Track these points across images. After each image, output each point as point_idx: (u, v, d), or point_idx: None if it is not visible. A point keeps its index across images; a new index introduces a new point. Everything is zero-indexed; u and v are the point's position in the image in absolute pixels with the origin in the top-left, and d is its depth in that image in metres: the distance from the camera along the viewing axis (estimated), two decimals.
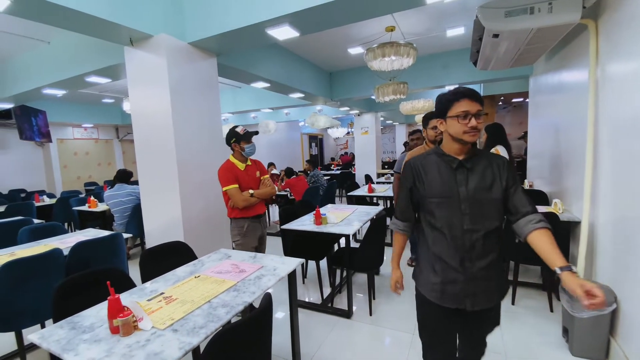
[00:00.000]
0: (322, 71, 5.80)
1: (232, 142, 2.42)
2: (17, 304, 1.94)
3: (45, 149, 8.23)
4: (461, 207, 1.14)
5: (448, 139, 1.19)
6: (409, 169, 1.27)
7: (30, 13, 2.07)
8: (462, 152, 1.18)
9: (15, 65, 4.43)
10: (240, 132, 2.40)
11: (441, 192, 1.17)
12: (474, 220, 1.14)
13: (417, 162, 1.25)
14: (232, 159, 2.45)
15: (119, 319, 1.16)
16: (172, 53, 2.56)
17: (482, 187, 1.14)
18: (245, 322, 1.09)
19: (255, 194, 2.40)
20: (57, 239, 2.71)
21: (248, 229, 2.42)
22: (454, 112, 1.12)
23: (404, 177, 1.30)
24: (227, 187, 2.33)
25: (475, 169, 1.17)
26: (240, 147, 2.40)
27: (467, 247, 1.15)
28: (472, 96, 1.12)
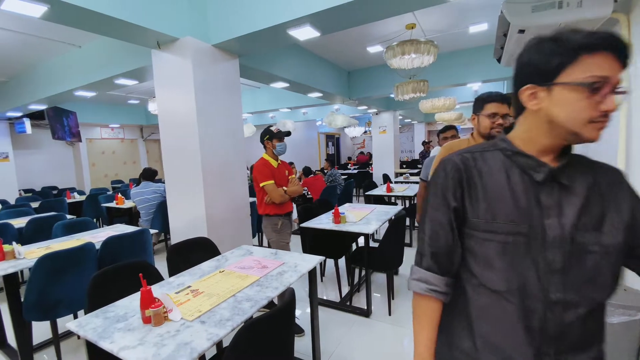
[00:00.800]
0: (340, 70, 5.80)
1: (265, 139, 2.52)
2: (53, 295, 2.06)
3: (75, 148, 8.65)
4: (547, 256, 0.63)
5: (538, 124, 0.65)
6: (452, 169, 0.71)
7: (65, 19, 2.19)
8: (552, 153, 0.66)
9: (49, 68, 4.67)
10: (274, 130, 2.51)
11: (511, 222, 0.64)
12: (570, 285, 0.63)
13: (469, 159, 0.71)
14: (266, 157, 2.54)
15: (150, 310, 1.21)
16: (196, 55, 2.64)
17: (588, 223, 0.63)
18: (271, 315, 1.12)
19: (287, 191, 2.48)
20: (89, 233, 2.85)
21: (282, 226, 2.51)
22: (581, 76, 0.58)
23: (441, 187, 0.72)
24: (265, 182, 2.41)
25: (575, 188, 0.65)
26: (273, 144, 2.50)
27: (553, 333, 0.63)
28: None
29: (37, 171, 7.95)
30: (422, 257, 0.74)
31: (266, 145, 2.54)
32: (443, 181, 0.72)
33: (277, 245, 2.48)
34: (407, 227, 3.42)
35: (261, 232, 4.26)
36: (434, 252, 0.72)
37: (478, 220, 0.68)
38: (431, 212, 0.73)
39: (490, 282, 0.66)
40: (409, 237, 4.19)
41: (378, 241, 3.09)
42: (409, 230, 4.21)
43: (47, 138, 7.60)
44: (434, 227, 0.73)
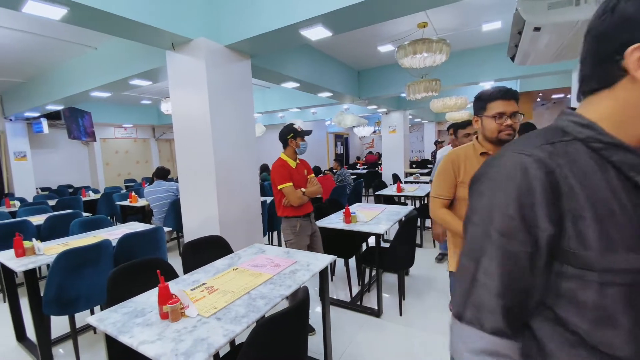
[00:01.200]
0: (350, 70, 5.79)
1: (289, 137, 2.44)
2: (71, 290, 2.12)
3: (90, 148, 8.85)
4: None
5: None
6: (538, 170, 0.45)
7: (83, 21, 2.24)
8: None
9: (65, 69, 4.79)
10: (298, 128, 2.44)
11: (633, 252, 0.43)
12: None
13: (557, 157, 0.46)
14: (284, 157, 2.45)
15: (168, 306, 1.24)
16: (210, 56, 2.68)
17: None
18: (287, 312, 1.13)
19: (306, 192, 2.40)
20: (105, 231, 2.92)
21: (301, 228, 2.41)
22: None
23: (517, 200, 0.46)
24: (283, 185, 2.33)
25: None
26: (297, 143, 2.43)
27: None
28: None
29: (53, 170, 8.16)
30: (482, 314, 0.46)
31: (289, 143, 2.44)
32: (521, 191, 0.45)
33: (297, 248, 2.36)
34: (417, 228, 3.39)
35: (272, 232, 4.28)
36: (508, 306, 0.45)
37: (588, 253, 0.43)
38: (500, 242, 0.46)
39: (609, 346, 0.43)
40: (420, 237, 4.16)
41: (388, 241, 3.07)
42: (420, 230, 4.18)
43: (63, 138, 7.79)
44: (507, 267, 0.45)
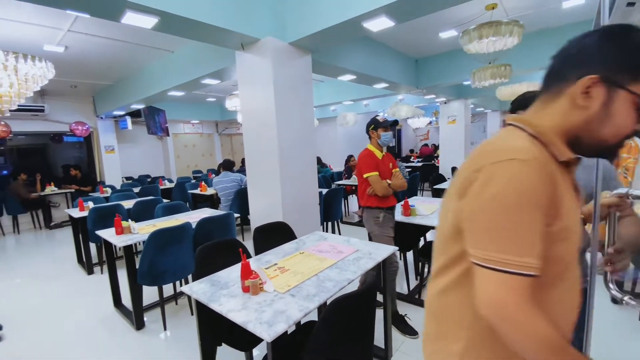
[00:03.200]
0: (408, 58, 5.61)
1: (371, 128, 2.45)
2: (160, 265, 2.44)
3: (163, 142, 9.88)
4: None
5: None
6: None
7: (170, 28, 2.53)
8: None
9: (147, 72, 5.41)
10: (380, 119, 2.43)
11: None
12: None
13: None
14: (370, 147, 2.46)
15: (249, 280, 1.39)
16: (275, 54, 2.82)
17: None
18: (358, 294, 1.20)
19: (391, 184, 2.40)
20: (183, 215, 3.29)
21: (384, 219, 2.40)
22: None
23: None
24: (369, 173, 2.33)
25: None
26: (378, 134, 2.41)
27: None
28: None
29: (135, 162, 9.30)
30: None
31: (371, 135, 2.45)
32: None
33: (379, 239, 2.32)
34: None
35: (327, 222, 4.39)
36: None
37: None
38: None
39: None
40: None
41: None
42: None
43: (143, 133, 8.83)
44: None
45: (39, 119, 7.00)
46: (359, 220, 5.59)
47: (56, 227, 6.57)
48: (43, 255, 4.71)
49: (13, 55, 3.09)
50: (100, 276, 3.71)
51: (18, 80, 3.24)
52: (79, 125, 7.41)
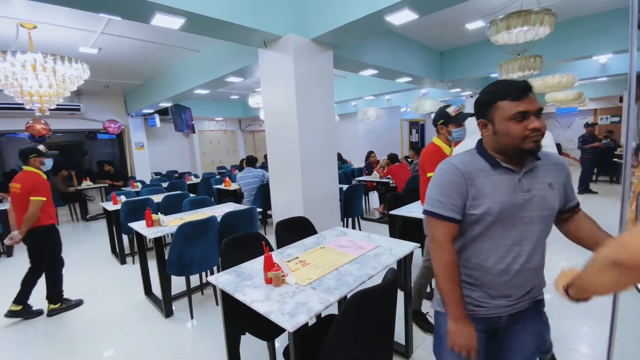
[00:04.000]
0: (432, 51, 5.47)
1: (439, 123, 2.14)
2: (187, 256, 2.55)
3: (189, 139, 10.21)
4: None
5: None
6: None
7: (196, 28, 2.61)
8: None
9: (174, 71, 5.60)
10: (452, 113, 2.09)
11: None
12: None
13: None
14: (437, 142, 2.16)
15: (272, 272, 1.43)
16: (297, 50, 2.85)
17: None
18: (378, 289, 1.21)
19: None
20: (209, 209, 3.41)
21: None
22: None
23: None
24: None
25: None
26: (448, 130, 2.10)
27: None
28: None
29: (162, 158, 9.68)
30: None
31: (439, 130, 2.15)
32: None
33: None
34: None
35: (347, 218, 4.39)
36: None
37: None
38: None
39: None
40: None
41: None
42: None
43: (170, 130, 9.17)
44: None
45: (75, 117, 7.43)
46: (380, 217, 5.55)
47: (92, 220, 6.99)
48: (80, 245, 5.04)
49: (51, 57, 3.30)
50: (132, 266, 3.92)
51: (56, 80, 3.47)
52: (111, 123, 7.82)
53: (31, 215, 2.60)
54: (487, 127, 1.00)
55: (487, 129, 1.01)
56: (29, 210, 2.59)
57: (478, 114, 1.03)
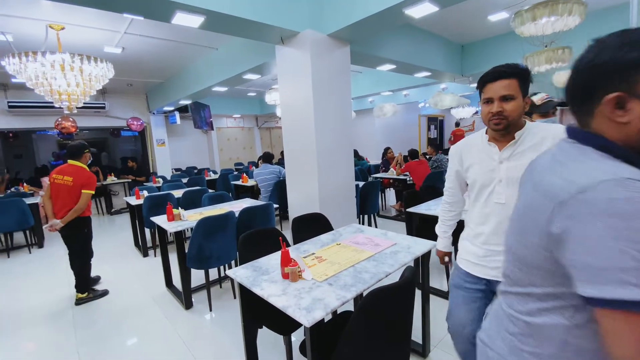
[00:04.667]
0: (452, 44, 5.32)
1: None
2: (206, 250, 2.61)
3: (208, 136, 10.42)
4: None
5: None
6: None
7: (215, 26, 2.65)
8: None
9: (193, 69, 5.72)
10: (538, 101, 1.91)
11: None
12: None
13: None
14: None
15: (289, 267, 1.44)
16: (314, 46, 2.84)
17: None
18: (396, 287, 1.19)
19: None
20: (227, 204, 3.47)
21: None
22: None
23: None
24: None
25: None
26: (532, 120, 1.85)
27: None
28: None
29: (182, 154, 9.94)
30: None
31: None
32: None
33: None
34: None
35: (363, 215, 4.36)
36: None
37: None
38: None
39: None
40: None
41: None
42: None
43: (190, 127, 9.39)
44: None
45: (100, 115, 7.73)
46: (397, 215, 5.49)
47: (116, 213, 7.27)
48: (105, 238, 5.25)
49: (79, 57, 3.44)
50: (153, 258, 4.06)
51: (83, 80, 3.61)
52: (134, 120, 8.08)
53: (81, 207, 2.82)
54: None
55: None
56: (81, 202, 2.81)
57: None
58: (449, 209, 1.55)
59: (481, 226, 1.28)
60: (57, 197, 2.86)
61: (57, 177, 2.86)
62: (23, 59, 3.24)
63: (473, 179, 1.30)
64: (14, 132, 7.09)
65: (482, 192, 1.27)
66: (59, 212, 2.84)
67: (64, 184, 2.83)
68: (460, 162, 1.36)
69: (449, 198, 1.53)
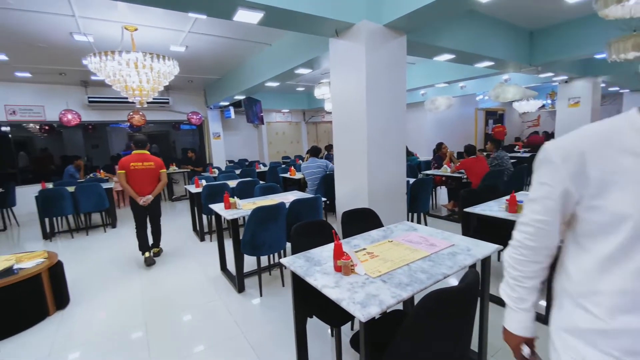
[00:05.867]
0: (520, 31, 4.84)
1: None
2: (259, 238, 2.72)
3: (258, 130, 10.83)
4: None
5: None
6: None
7: (273, 21, 2.71)
8: None
9: (248, 65, 5.94)
10: None
11: None
12: None
13: None
14: None
15: (342, 261, 1.43)
16: (369, 37, 2.77)
17: None
18: (458, 290, 1.13)
19: None
20: (277, 195, 3.58)
21: None
22: None
23: None
24: None
25: None
26: None
27: None
28: None
29: (235, 147, 10.47)
30: None
31: None
32: None
33: None
34: None
35: (413, 213, 4.21)
36: None
37: None
38: None
39: None
40: None
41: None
42: None
43: (242, 122, 9.84)
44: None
45: (165, 109, 8.42)
46: (448, 214, 5.20)
47: (176, 200, 7.93)
48: (167, 222, 5.74)
49: (149, 55, 3.76)
50: (209, 243, 4.35)
51: (153, 76, 3.95)
52: (194, 114, 8.68)
53: (165, 182, 3.79)
54: None
55: None
56: (164, 179, 3.76)
57: None
58: (532, 259, 0.83)
59: (627, 316, 0.67)
60: (136, 180, 3.58)
61: (136, 164, 3.58)
62: (102, 58, 3.62)
63: (618, 212, 0.67)
64: (92, 124, 8.04)
65: (636, 243, 0.66)
66: (143, 191, 3.61)
67: (145, 169, 3.61)
68: (581, 175, 0.70)
69: (533, 239, 0.82)
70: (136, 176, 3.57)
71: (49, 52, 4.76)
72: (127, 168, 3.52)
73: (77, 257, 4.04)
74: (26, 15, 3.47)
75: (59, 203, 4.78)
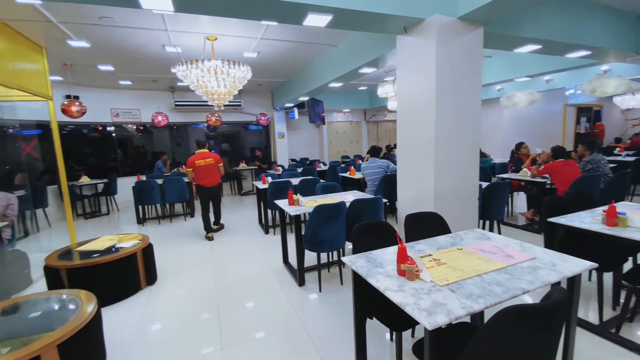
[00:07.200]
0: (622, 15, 4.11)
1: None
2: (320, 235, 2.79)
3: (319, 130, 11.05)
4: None
5: None
6: None
7: (341, 23, 2.73)
8: None
9: (313, 67, 6.10)
10: None
11: None
12: None
13: None
14: None
15: (406, 265, 1.39)
16: (441, 32, 2.63)
17: None
18: (541, 308, 1.01)
19: None
20: (337, 194, 3.62)
21: None
22: None
23: None
24: None
25: None
26: None
27: None
28: None
29: (298, 146, 10.86)
30: None
31: None
32: None
33: None
34: None
35: (485, 220, 3.86)
36: None
37: None
38: None
39: None
40: None
41: None
42: None
43: (304, 122, 10.16)
44: None
45: (237, 111, 9.11)
46: (527, 224, 4.66)
47: (244, 195, 8.55)
48: (236, 214, 6.24)
49: (227, 62, 4.11)
50: (273, 236, 4.60)
51: (229, 82, 4.31)
52: (262, 116, 9.25)
53: (223, 173, 4.78)
54: None
55: None
56: (222, 171, 4.73)
57: None
58: None
59: None
60: (202, 173, 4.52)
61: (200, 162, 4.50)
62: (188, 67, 4.07)
63: None
64: (177, 125, 9.11)
65: None
66: (213, 181, 4.61)
67: (207, 165, 4.54)
68: None
69: None
70: (202, 170, 4.52)
71: (145, 62, 5.51)
72: (194, 165, 4.49)
73: (163, 241, 4.63)
74: (128, 31, 4.07)
75: (150, 193, 5.55)
